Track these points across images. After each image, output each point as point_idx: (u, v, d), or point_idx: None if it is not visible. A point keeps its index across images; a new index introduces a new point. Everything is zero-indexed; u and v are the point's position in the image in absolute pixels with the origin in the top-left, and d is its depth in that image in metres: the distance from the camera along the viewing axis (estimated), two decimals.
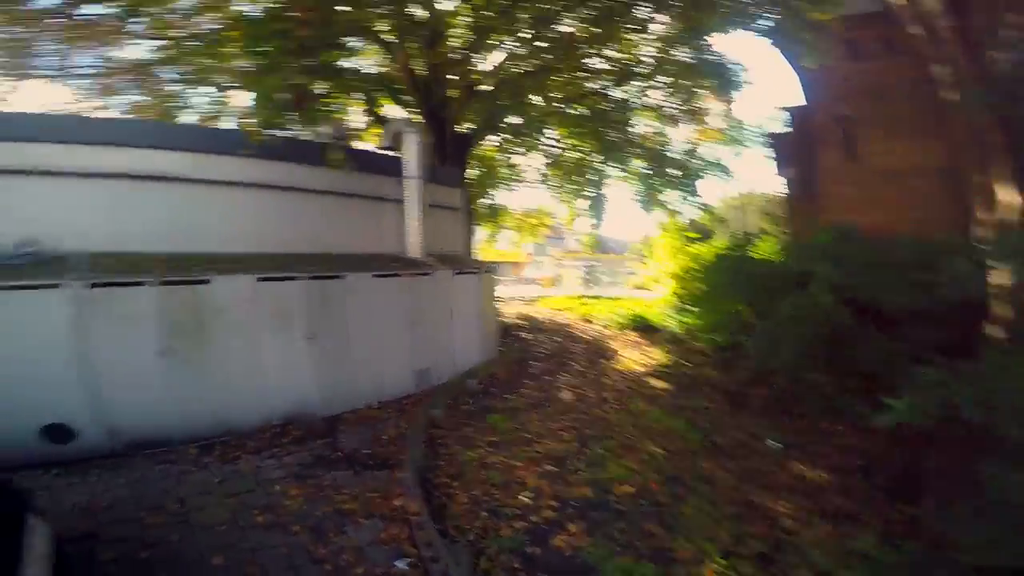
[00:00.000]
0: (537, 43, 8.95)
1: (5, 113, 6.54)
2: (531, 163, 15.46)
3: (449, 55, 9.33)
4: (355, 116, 11.12)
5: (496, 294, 8.59)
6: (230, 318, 4.73)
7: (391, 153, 7.48)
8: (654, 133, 12.80)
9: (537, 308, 14.81)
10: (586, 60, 10.10)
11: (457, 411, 5.64)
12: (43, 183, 4.71)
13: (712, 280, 9.25)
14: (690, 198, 12.28)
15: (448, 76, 9.42)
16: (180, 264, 4.73)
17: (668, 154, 12.42)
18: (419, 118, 9.38)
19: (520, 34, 8.83)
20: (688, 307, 10.43)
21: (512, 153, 14.60)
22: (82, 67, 9.47)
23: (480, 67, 10.04)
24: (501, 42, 9.28)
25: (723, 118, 13.81)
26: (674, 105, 11.78)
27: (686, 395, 6.53)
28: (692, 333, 9.77)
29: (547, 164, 14.90)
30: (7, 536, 1.65)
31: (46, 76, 9.35)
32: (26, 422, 3.84)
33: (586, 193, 14.44)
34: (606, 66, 10.56)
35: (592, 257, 32.30)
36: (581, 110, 11.40)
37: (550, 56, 9.19)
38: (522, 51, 9.24)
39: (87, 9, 8.07)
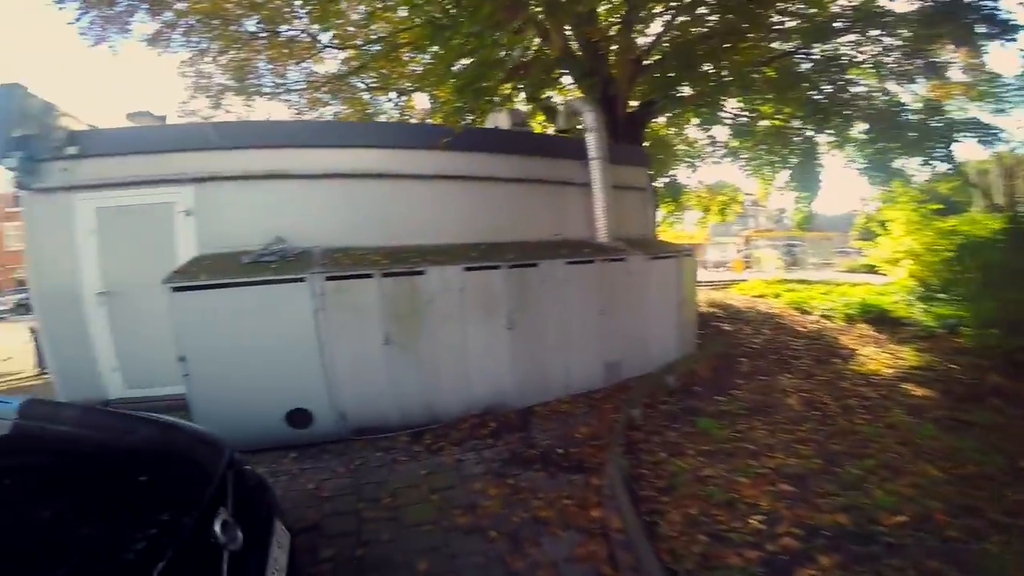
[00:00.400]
0: (701, 7, 7.77)
1: (253, 123, 7.84)
2: (714, 136, 13.94)
3: (607, 31, 8.64)
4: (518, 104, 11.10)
5: (695, 281, 7.68)
6: (439, 308, 4.84)
7: (569, 136, 7.13)
8: (878, 92, 10.38)
9: (731, 295, 13.23)
10: (771, 19, 8.50)
11: (656, 411, 5.03)
12: (285, 185, 5.42)
13: (990, 261, 7.08)
14: (938, 164, 10.00)
15: (609, 52, 8.73)
16: (396, 256, 5.01)
17: (901, 116, 10.03)
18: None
19: None
20: (939, 294, 8.38)
21: (693, 127, 13.28)
22: (291, 83, 11.23)
23: (642, 40, 9.15)
24: (664, 8, 8.24)
25: (973, 71, 10.79)
26: (901, 60, 9.37)
27: (964, 407, 4.99)
28: (951, 327, 7.67)
29: (732, 135, 13.20)
30: (257, 549, 1.61)
31: (265, 94, 11.31)
32: (274, 407, 4.33)
33: (789, 165, 12.40)
34: (796, 24, 8.78)
35: (792, 235, 27.97)
36: (770, 74, 9.66)
37: (722, 18, 7.87)
38: (685, 17, 8.09)
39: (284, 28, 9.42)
